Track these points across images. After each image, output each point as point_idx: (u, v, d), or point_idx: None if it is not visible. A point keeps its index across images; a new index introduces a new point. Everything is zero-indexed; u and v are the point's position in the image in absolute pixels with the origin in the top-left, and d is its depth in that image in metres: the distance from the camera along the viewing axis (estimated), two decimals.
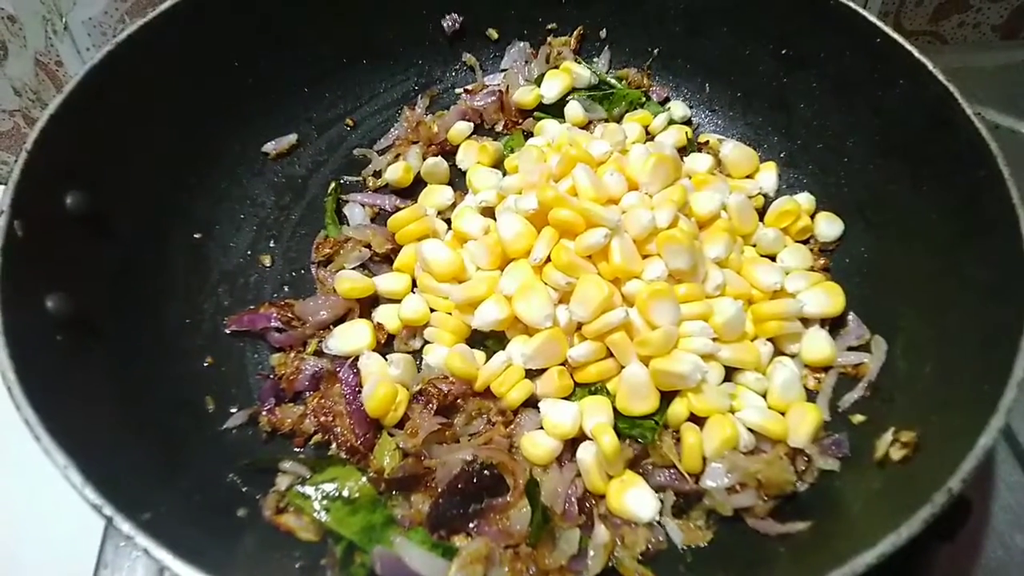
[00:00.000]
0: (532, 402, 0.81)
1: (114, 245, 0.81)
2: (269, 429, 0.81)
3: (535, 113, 1.08)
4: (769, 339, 0.84)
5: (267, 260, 0.96)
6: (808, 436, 0.75)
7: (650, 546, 0.72)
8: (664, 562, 0.72)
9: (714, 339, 0.80)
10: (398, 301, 0.89)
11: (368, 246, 0.94)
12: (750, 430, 0.77)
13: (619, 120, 1.06)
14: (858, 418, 0.79)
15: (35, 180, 0.72)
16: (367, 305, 0.90)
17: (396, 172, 1.01)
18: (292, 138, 1.03)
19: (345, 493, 0.73)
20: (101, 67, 0.81)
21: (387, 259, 0.95)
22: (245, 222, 0.98)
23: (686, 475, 0.75)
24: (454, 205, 0.99)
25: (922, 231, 0.82)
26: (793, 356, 0.84)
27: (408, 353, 0.87)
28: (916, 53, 0.82)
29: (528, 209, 0.84)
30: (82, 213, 0.76)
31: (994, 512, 0.83)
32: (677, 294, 0.80)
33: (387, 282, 0.90)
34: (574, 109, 1.05)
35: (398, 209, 0.97)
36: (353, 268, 0.93)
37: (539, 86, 1.07)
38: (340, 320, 0.88)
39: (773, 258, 0.91)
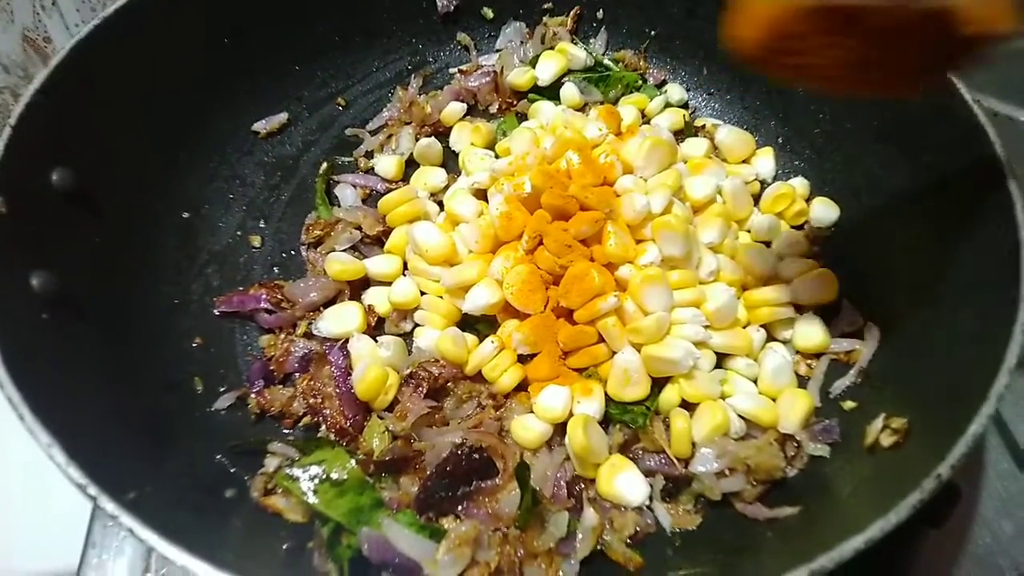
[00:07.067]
0: (523, 386, 0.80)
1: (101, 223, 0.80)
2: (258, 410, 0.81)
3: (529, 95, 1.07)
4: (762, 325, 0.83)
5: (257, 241, 0.95)
6: (799, 422, 0.75)
7: (638, 529, 0.72)
8: (652, 545, 0.72)
9: (706, 326, 0.79)
10: (389, 283, 0.88)
11: (359, 228, 0.93)
12: (741, 416, 0.77)
13: (615, 103, 1.05)
14: (849, 404, 0.79)
15: (20, 156, 0.71)
16: (357, 287, 0.89)
17: (388, 166, 1.00)
18: (283, 117, 1.02)
19: (333, 475, 0.73)
20: (88, 42, 0.79)
21: (378, 241, 0.94)
22: (234, 202, 0.97)
23: (675, 460, 0.75)
24: (447, 187, 0.98)
25: (918, 217, 0.82)
26: (786, 342, 0.84)
27: (399, 336, 0.86)
28: None
29: (521, 192, 0.83)
30: (68, 190, 0.75)
31: (982, 499, 0.83)
32: (670, 280, 0.79)
33: (378, 264, 0.90)
34: (570, 91, 1.04)
35: (390, 190, 0.96)
36: (343, 250, 0.92)
37: (534, 67, 1.06)
38: (330, 302, 0.88)
39: (768, 244, 0.91)
